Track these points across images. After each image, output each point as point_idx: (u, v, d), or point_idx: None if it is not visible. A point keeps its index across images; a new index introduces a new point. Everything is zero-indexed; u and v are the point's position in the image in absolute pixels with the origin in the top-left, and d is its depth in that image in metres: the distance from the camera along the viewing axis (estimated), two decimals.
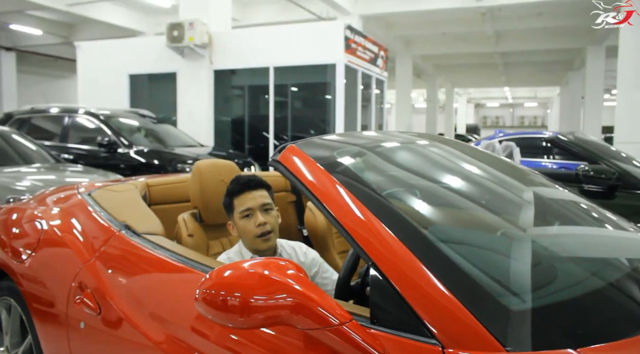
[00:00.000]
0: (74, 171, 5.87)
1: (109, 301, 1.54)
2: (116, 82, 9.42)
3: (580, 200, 1.74)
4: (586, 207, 1.69)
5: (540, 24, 15.51)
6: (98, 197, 2.01)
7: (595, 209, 1.67)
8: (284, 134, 8.84)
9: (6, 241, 2.12)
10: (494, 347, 0.92)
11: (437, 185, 1.58)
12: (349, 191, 1.25)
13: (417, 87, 28.62)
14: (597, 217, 1.65)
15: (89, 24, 17.44)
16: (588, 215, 1.66)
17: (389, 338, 1.01)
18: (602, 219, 1.63)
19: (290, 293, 0.98)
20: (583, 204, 1.71)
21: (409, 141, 1.85)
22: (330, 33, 8.08)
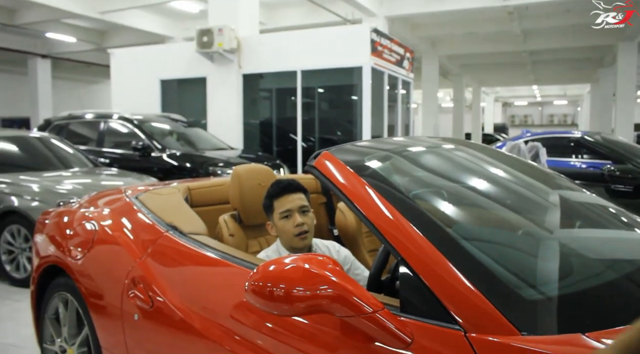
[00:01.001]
0: (109, 174, 6.12)
1: (160, 295, 1.70)
2: (148, 87, 9.70)
3: (595, 200, 1.83)
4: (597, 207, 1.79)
5: (568, 22, 15.30)
6: (145, 200, 2.17)
7: (610, 209, 1.76)
8: (311, 135, 8.99)
9: (61, 241, 2.30)
10: (510, 331, 1.04)
11: (459, 186, 1.69)
12: (379, 192, 1.38)
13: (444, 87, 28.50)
14: (610, 218, 1.74)
15: (120, 31, 17.92)
16: (598, 215, 1.75)
17: (417, 324, 1.13)
18: (618, 220, 1.73)
19: (329, 285, 1.11)
20: (597, 204, 1.80)
21: (434, 145, 1.97)
22: (357, 36, 8.20)
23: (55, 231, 2.42)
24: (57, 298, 2.30)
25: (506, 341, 1.02)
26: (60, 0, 13.94)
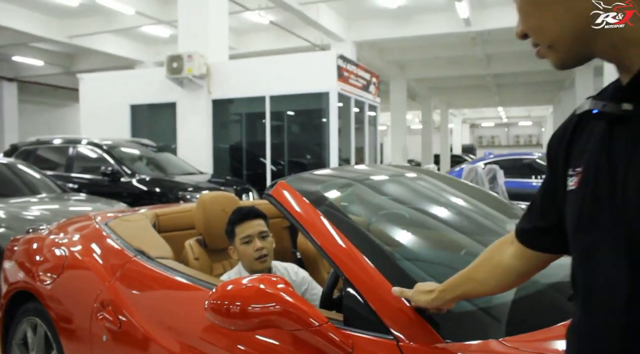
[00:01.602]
0: (78, 200, 6.13)
1: (128, 316, 1.81)
2: (118, 112, 9.75)
3: None
4: None
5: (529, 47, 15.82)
6: (114, 226, 2.28)
7: None
8: (280, 159, 9.13)
9: (31, 267, 2.39)
10: (436, 339, 1.19)
11: (404, 212, 1.86)
12: (329, 219, 1.53)
13: (413, 109, 29.10)
14: None
15: (89, 54, 17.89)
16: None
17: (358, 336, 1.27)
18: None
19: (279, 302, 1.25)
20: None
21: (387, 175, 2.14)
22: (323, 63, 8.44)
23: (24, 257, 2.50)
24: (25, 323, 2.37)
25: (431, 348, 1.17)
26: (28, 24, 13.92)
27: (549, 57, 0.71)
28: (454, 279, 1.16)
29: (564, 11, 0.65)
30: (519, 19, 0.72)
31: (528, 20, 0.71)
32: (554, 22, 0.67)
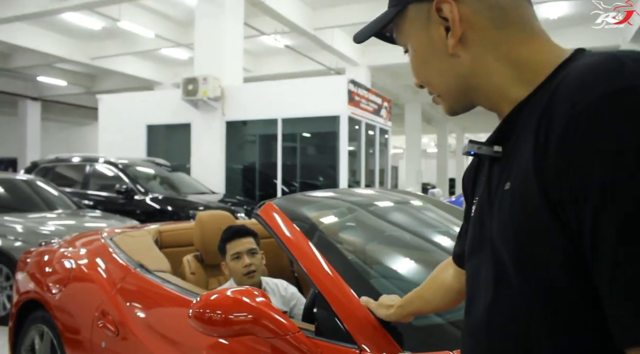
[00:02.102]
0: (93, 217, 6.33)
1: (125, 324, 1.95)
2: (134, 131, 10.03)
3: None
4: None
5: None
6: (118, 242, 2.44)
7: None
8: (293, 180, 9.29)
9: (41, 277, 2.55)
10: (396, 349, 1.31)
11: (386, 232, 1.99)
12: (307, 238, 1.66)
13: (428, 133, 29.23)
14: None
15: (110, 75, 18.41)
16: None
17: (326, 345, 1.39)
18: None
19: (255, 312, 1.37)
20: None
21: (373, 198, 2.27)
22: (335, 87, 8.65)
23: (35, 268, 2.66)
24: (33, 330, 2.52)
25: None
26: (52, 46, 14.43)
27: (440, 104, 0.82)
28: (409, 296, 1.26)
29: (447, 68, 0.75)
30: (412, 71, 0.82)
31: (419, 74, 0.81)
32: (440, 77, 0.77)
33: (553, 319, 0.62)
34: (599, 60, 0.60)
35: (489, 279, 0.71)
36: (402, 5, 0.78)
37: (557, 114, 0.59)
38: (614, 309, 0.55)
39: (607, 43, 12.73)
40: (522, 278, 0.65)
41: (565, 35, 13.32)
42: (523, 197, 0.63)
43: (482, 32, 0.71)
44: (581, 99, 0.57)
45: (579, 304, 0.60)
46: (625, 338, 0.54)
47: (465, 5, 0.71)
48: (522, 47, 0.71)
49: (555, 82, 0.64)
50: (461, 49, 0.73)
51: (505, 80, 0.71)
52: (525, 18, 0.72)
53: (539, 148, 0.61)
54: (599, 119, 0.55)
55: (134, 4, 12.00)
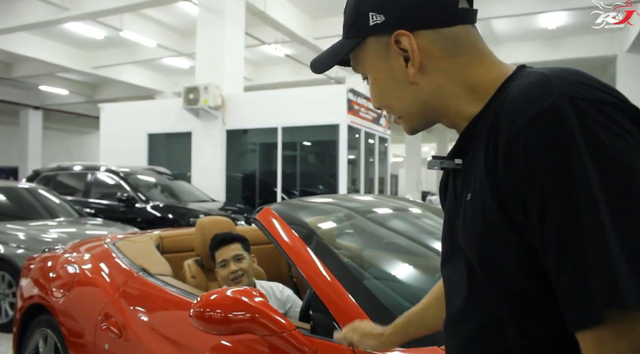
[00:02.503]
0: (94, 224, 6.39)
1: (128, 326, 2.01)
2: (136, 140, 10.12)
3: None
4: None
5: None
6: (120, 247, 2.51)
7: None
8: (293, 188, 9.36)
9: (45, 282, 2.61)
10: None
11: (381, 236, 2.05)
12: (308, 243, 1.73)
13: (428, 141, 29.28)
14: None
15: (112, 84, 18.54)
16: None
17: (321, 342, 1.45)
18: None
19: (254, 311, 1.44)
20: None
21: (369, 204, 2.34)
22: (334, 96, 8.73)
23: (40, 274, 2.73)
24: (37, 334, 2.58)
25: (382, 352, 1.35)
26: (54, 55, 14.57)
27: (401, 125, 0.87)
28: (403, 320, 1.17)
29: (407, 95, 0.81)
30: (371, 96, 0.87)
31: (379, 100, 0.86)
32: (400, 102, 0.83)
33: (517, 309, 0.70)
34: (531, 83, 0.68)
35: (463, 279, 0.78)
36: (360, 38, 0.82)
37: (500, 131, 0.67)
38: (562, 297, 0.63)
39: (606, 52, 12.84)
40: (488, 277, 0.72)
41: (564, 45, 13.43)
42: (481, 206, 0.71)
43: (437, 61, 0.78)
44: (515, 120, 0.66)
45: (537, 295, 0.68)
46: (573, 324, 0.62)
47: (422, 37, 0.77)
48: (473, 70, 0.78)
49: (501, 99, 0.72)
50: (420, 76, 0.79)
51: (460, 100, 0.79)
52: (474, 44, 0.79)
53: (489, 161, 0.69)
54: (530, 138, 0.64)
55: (136, 14, 12.14)
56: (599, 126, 0.62)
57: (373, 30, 0.80)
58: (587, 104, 0.63)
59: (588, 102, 0.64)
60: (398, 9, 0.78)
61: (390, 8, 0.79)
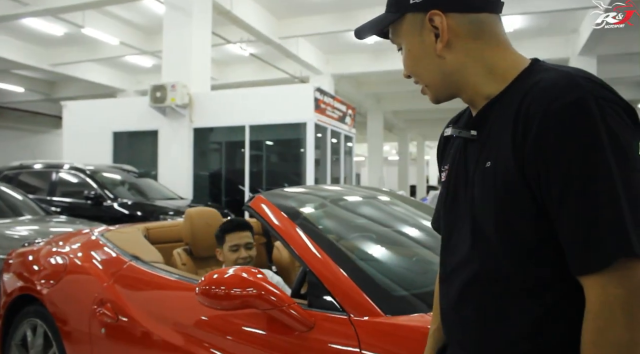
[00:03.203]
0: (58, 221, 6.33)
1: (124, 310, 2.10)
2: (100, 139, 10.00)
3: None
4: None
5: None
6: (110, 237, 2.58)
7: None
8: (259, 186, 9.44)
9: (34, 273, 2.67)
10: (378, 314, 1.53)
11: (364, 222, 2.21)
12: (298, 225, 1.87)
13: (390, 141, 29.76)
14: None
15: (71, 82, 18.12)
16: None
17: (318, 314, 1.60)
18: None
19: (255, 287, 1.57)
20: None
21: (347, 192, 2.50)
22: (301, 95, 8.88)
23: (26, 265, 2.77)
24: (25, 325, 2.63)
25: (374, 319, 1.51)
26: (12, 51, 14.17)
27: (427, 93, 1.03)
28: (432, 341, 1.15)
29: (434, 66, 0.97)
30: (404, 65, 1.02)
31: (409, 67, 1.01)
32: (428, 72, 0.99)
33: (520, 258, 0.86)
34: (560, 77, 0.84)
35: (467, 232, 0.93)
36: (400, 13, 0.97)
37: (533, 114, 0.83)
38: (572, 245, 0.80)
39: (560, 55, 13.40)
40: (500, 230, 0.88)
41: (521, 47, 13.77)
42: (503, 173, 0.87)
43: (463, 40, 0.94)
44: (550, 105, 0.81)
45: (540, 247, 0.85)
46: (583, 268, 0.79)
47: (452, 18, 0.93)
48: (491, 54, 0.94)
49: (524, 87, 0.88)
50: (447, 52, 0.95)
51: (479, 78, 0.95)
52: (495, 32, 0.95)
53: (517, 138, 0.85)
54: (561, 122, 0.80)
55: (98, 11, 11.97)
56: (614, 121, 0.80)
57: (412, 8, 0.95)
58: (606, 103, 0.81)
59: (606, 102, 0.81)
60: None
61: None
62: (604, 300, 0.77)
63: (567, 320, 0.82)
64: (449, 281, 0.99)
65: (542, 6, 10.68)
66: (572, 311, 0.81)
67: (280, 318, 1.60)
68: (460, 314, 0.95)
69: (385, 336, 1.49)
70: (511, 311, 0.87)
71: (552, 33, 13.27)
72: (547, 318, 0.84)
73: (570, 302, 0.82)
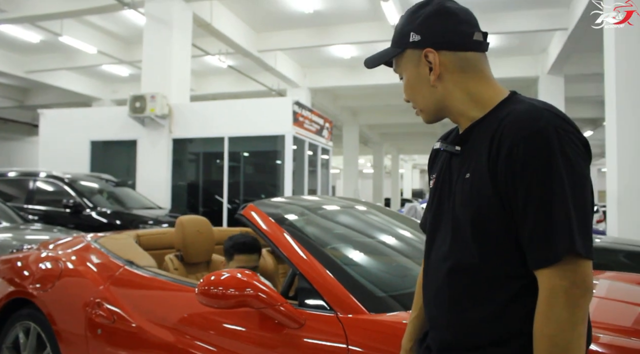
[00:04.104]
0: (34, 229, 6.33)
1: (121, 312, 2.22)
2: (77, 147, 9.98)
3: None
4: None
5: None
6: (103, 243, 2.70)
7: None
8: (236, 197, 9.54)
9: (27, 277, 2.75)
10: (363, 312, 1.69)
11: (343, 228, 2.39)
12: (287, 231, 2.03)
13: (365, 154, 30.09)
14: None
15: (45, 89, 17.92)
16: None
17: (308, 313, 1.76)
18: None
19: (251, 287, 1.72)
20: None
21: (329, 202, 2.67)
22: (280, 108, 9.04)
23: (16, 270, 2.85)
24: (17, 328, 2.71)
25: (359, 317, 1.68)
26: None
27: (421, 115, 1.22)
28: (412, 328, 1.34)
29: (428, 94, 1.17)
30: (404, 91, 1.21)
31: (408, 94, 1.21)
32: (422, 98, 1.18)
33: (490, 254, 1.06)
34: (529, 109, 1.04)
35: (448, 233, 1.12)
36: (402, 49, 1.17)
37: (505, 138, 1.02)
38: (530, 244, 1.00)
39: (529, 73, 13.88)
40: (476, 231, 1.07)
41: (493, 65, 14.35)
42: (479, 183, 1.06)
43: (452, 74, 1.14)
44: (518, 133, 1.01)
45: (506, 246, 1.04)
46: (538, 263, 0.99)
47: (443, 55, 1.13)
48: (476, 85, 1.14)
49: (500, 114, 1.07)
50: (438, 82, 1.15)
51: (465, 105, 1.15)
52: (480, 68, 1.15)
53: (491, 155, 1.04)
54: (527, 146, 0.99)
55: (77, 20, 11.98)
56: (568, 147, 1.00)
57: (411, 45, 1.16)
58: (564, 133, 1.00)
59: (565, 132, 1.01)
60: (431, 34, 1.14)
61: (426, 32, 1.13)
62: (551, 288, 0.97)
63: (526, 304, 1.02)
64: (431, 273, 1.17)
65: (512, 27, 11.11)
66: (530, 297, 1.01)
67: (272, 316, 1.75)
68: (439, 300, 1.14)
69: (368, 331, 1.66)
70: (482, 297, 1.06)
71: (522, 52, 13.76)
72: (511, 303, 1.04)
73: (529, 290, 1.02)
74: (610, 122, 6.81)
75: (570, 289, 0.96)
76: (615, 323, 1.63)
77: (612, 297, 2.09)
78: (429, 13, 1.14)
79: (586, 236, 0.98)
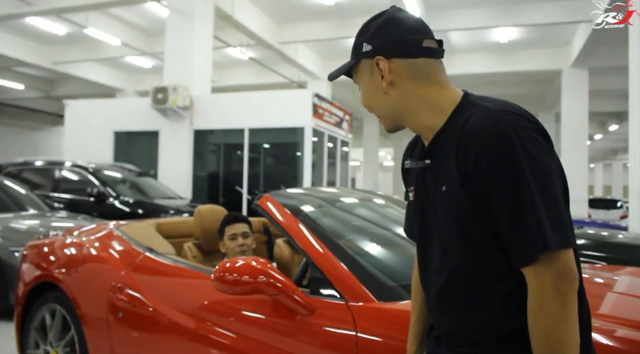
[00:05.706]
0: (60, 217, 6.52)
1: (140, 297, 2.32)
2: (101, 138, 10.20)
3: None
4: None
5: (494, 92, 16.81)
6: (125, 230, 2.80)
7: None
8: (256, 188, 9.66)
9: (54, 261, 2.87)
10: (372, 300, 1.75)
11: (357, 219, 2.44)
12: (302, 222, 2.10)
13: (385, 146, 30.04)
14: None
15: (70, 80, 18.28)
16: None
17: (319, 300, 1.82)
18: None
19: (264, 274, 1.79)
20: None
21: (345, 194, 2.72)
22: (300, 100, 9.11)
23: (46, 255, 2.98)
24: (44, 310, 2.84)
25: (368, 305, 1.74)
26: (14, 49, 14.34)
27: (382, 123, 1.24)
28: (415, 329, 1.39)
29: (382, 101, 1.19)
30: (361, 99, 1.24)
31: (364, 101, 1.24)
32: (378, 105, 1.21)
33: (479, 260, 1.10)
34: (484, 115, 1.05)
35: (437, 247, 1.18)
36: (357, 59, 1.20)
37: (469, 149, 1.05)
38: (510, 246, 1.04)
39: (552, 66, 13.70)
40: (462, 242, 1.11)
41: (514, 58, 14.23)
42: (455, 195, 1.10)
43: (404, 80, 1.16)
44: (479, 142, 1.03)
45: (492, 250, 1.08)
46: (521, 262, 1.03)
47: (393, 63, 1.16)
48: (429, 91, 1.16)
49: (459, 121, 1.09)
50: (391, 89, 1.17)
51: (420, 111, 1.17)
52: (431, 72, 1.17)
53: (459, 165, 1.07)
54: (489, 154, 1.02)
55: (101, 12, 12.18)
56: (529, 144, 1.03)
57: (364, 55, 1.20)
58: (522, 130, 1.03)
59: (523, 129, 1.03)
60: (380, 43, 1.17)
61: (376, 41, 1.17)
62: (538, 284, 1.01)
63: (522, 301, 1.06)
64: (430, 285, 1.23)
65: (535, 19, 10.98)
66: (525, 294, 1.05)
67: (285, 303, 1.82)
68: (442, 308, 1.19)
69: (376, 319, 1.72)
70: (480, 299, 1.11)
71: (545, 45, 13.58)
72: (507, 301, 1.08)
73: (523, 287, 1.05)
74: (634, 117, 6.73)
75: (555, 282, 1.00)
76: (635, 319, 1.65)
77: (632, 293, 2.10)
78: (379, 24, 1.18)
79: (560, 227, 1.01)
